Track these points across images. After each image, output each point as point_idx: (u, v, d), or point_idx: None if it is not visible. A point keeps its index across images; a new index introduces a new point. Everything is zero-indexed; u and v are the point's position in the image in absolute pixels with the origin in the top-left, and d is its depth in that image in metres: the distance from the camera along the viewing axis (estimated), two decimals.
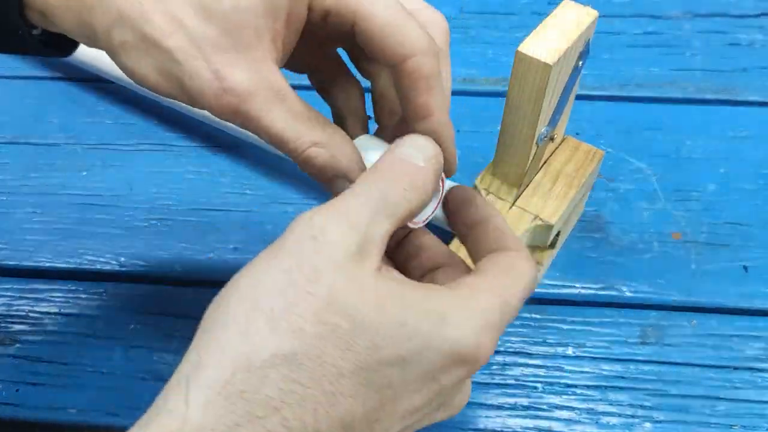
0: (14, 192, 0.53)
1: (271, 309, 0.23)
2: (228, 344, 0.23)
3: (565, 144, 0.44)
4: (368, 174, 0.26)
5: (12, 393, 0.43)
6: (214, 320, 0.24)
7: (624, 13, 0.63)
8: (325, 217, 0.25)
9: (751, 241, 0.48)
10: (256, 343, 0.23)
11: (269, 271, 0.24)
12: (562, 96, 0.38)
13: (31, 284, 0.48)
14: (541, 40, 0.34)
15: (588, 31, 0.36)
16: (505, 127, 0.38)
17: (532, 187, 0.42)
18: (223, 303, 0.25)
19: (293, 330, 0.23)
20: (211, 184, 0.53)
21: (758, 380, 0.42)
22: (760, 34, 0.61)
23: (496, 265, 0.28)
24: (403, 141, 0.28)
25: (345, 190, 0.26)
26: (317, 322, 0.23)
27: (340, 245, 0.24)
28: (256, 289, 0.24)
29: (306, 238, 0.24)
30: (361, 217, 0.25)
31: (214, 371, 0.22)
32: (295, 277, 0.23)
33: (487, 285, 0.27)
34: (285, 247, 0.24)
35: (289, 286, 0.23)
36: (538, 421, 0.41)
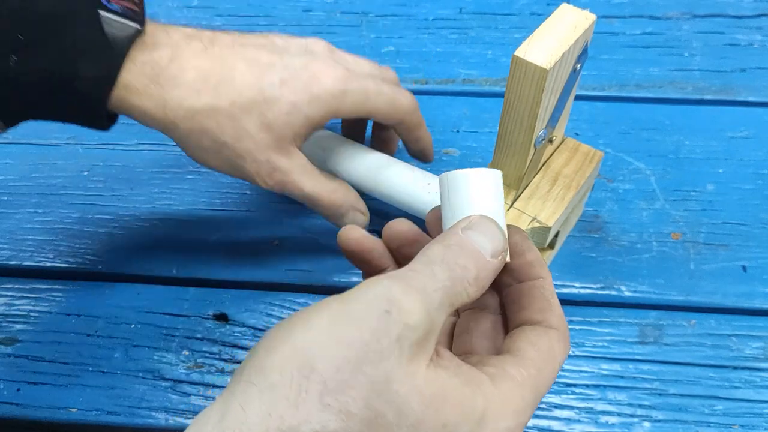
0: (15, 192, 0.53)
1: (325, 383, 0.23)
2: (275, 409, 0.22)
3: (565, 145, 0.44)
4: (440, 251, 0.26)
5: (13, 392, 0.44)
6: (262, 370, 0.23)
7: (623, 14, 0.63)
8: (402, 292, 0.24)
9: (750, 241, 0.48)
10: (304, 416, 0.22)
11: (332, 335, 0.23)
12: (560, 99, 0.38)
13: (31, 284, 0.48)
14: (538, 44, 0.34)
15: (586, 35, 0.36)
16: (503, 130, 0.39)
17: (531, 189, 0.42)
18: (274, 354, 0.24)
19: (341, 410, 0.22)
20: (211, 184, 0.53)
21: (757, 380, 0.42)
22: (759, 35, 0.61)
23: (538, 351, 0.27)
24: (476, 224, 0.28)
25: (417, 261, 0.26)
26: (365, 407, 0.23)
27: (411, 330, 0.24)
28: (312, 351, 0.23)
29: (379, 309, 0.24)
30: (433, 303, 0.24)
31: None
32: (358, 354, 0.23)
33: (527, 379, 0.26)
34: (354, 314, 0.24)
35: (348, 362, 0.23)
36: (537, 420, 0.42)
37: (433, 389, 0.24)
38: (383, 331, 0.23)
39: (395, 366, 0.23)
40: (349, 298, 0.24)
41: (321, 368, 0.23)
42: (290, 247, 0.49)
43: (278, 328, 0.25)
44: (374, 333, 0.23)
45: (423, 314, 0.24)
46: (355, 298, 0.24)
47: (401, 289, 0.24)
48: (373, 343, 0.23)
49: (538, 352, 0.27)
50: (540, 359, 0.27)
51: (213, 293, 0.48)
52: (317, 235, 0.50)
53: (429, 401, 0.23)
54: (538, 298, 0.29)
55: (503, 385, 0.26)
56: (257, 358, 0.24)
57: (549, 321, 0.29)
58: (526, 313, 0.29)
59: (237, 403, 0.23)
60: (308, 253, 0.49)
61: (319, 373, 0.23)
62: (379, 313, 0.23)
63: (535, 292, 0.29)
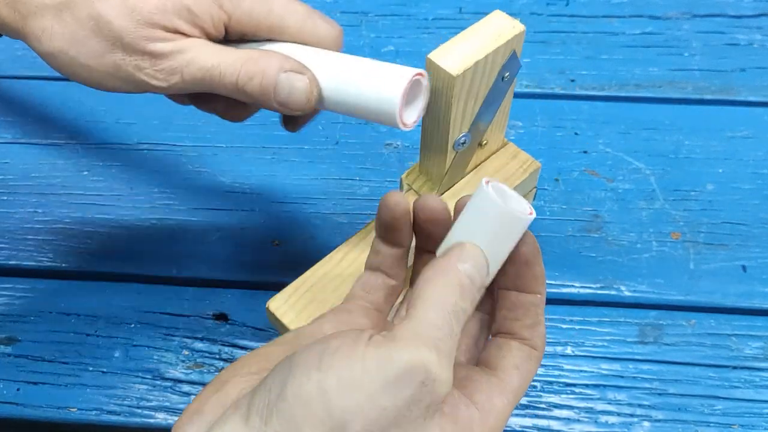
0: (15, 191, 0.53)
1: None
2: None
3: (505, 150, 0.44)
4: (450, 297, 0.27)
5: (12, 392, 0.44)
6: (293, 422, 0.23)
7: (623, 14, 0.63)
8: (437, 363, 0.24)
9: (749, 241, 0.48)
10: None
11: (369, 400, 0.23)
12: (485, 105, 0.38)
13: (31, 284, 0.48)
14: (456, 49, 0.34)
15: (511, 44, 0.35)
16: (424, 128, 0.39)
17: (454, 190, 0.42)
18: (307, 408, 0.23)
19: None
20: (212, 184, 0.53)
21: (757, 379, 0.43)
22: (759, 34, 0.61)
23: (521, 378, 0.29)
24: (467, 257, 0.28)
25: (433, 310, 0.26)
26: None
27: (439, 397, 0.25)
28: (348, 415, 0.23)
29: (416, 381, 0.24)
30: (452, 363, 0.26)
31: None
32: (389, 420, 0.23)
33: (507, 407, 0.28)
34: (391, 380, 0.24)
35: (378, 425, 0.23)
36: (537, 420, 0.42)
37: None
38: (416, 401, 0.24)
39: (417, 427, 0.24)
40: (384, 357, 0.24)
41: (353, 429, 0.23)
42: (290, 247, 0.49)
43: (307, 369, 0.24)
44: (408, 402, 0.24)
45: (450, 380, 0.25)
46: (393, 361, 0.24)
47: (436, 359, 0.24)
48: (404, 410, 0.24)
49: (520, 380, 0.29)
50: (520, 386, 0.29)
51: (213, 293, 0.48)
52: (317, 235, 0.50)
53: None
54: (531, 314, 0.30)
55: (491, 419, 0.27)
56: (287, 404, 0.24)
57: (534, 341, 0.30)
58: (516, 325, 0.30)
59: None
60: (308, 253, 0.49)
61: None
62: (416, 384, 0.24)
63: (531, 307, 0.30)
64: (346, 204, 0.51)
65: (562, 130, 0.55)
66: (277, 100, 0.33)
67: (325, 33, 0.35)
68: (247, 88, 0.33)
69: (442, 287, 0.27)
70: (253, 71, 0.33)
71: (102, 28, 0.32)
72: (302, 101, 0.33)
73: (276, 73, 0.33)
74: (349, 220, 0.50)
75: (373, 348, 0.24)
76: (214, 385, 0.28)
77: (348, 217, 0.51)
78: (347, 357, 0.24)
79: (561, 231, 0.49)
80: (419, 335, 0.25)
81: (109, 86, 0.34)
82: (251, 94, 0.33)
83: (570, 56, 0.60)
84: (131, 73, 0.32)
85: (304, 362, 0.24)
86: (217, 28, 0.34)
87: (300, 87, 0.33)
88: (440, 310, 0.26)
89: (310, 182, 0.53)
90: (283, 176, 0.53)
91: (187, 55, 0.32)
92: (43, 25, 0.32)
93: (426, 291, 0.27)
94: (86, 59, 0.33)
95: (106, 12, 0.32)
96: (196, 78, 0.33)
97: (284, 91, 0.33)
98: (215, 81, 0.33)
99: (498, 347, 0.30)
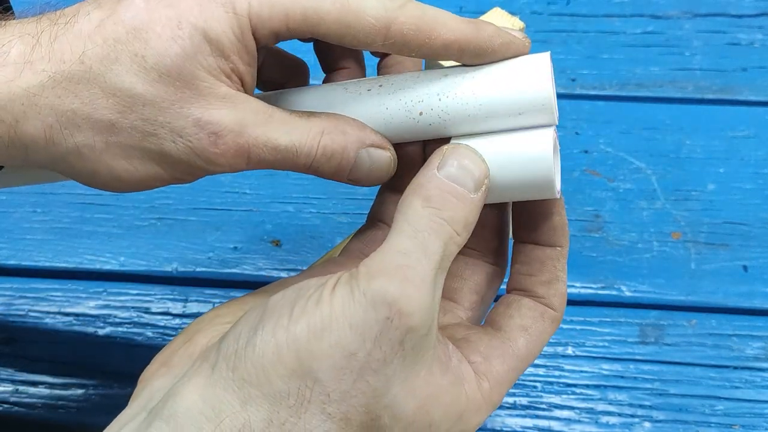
0: (14, 191, 0.53)
1: (328, 395, 0.22)
2: (277, 416, 0.22)
3: None
4: (423, 212, 0.23)
5: (12, 392, 0.43)
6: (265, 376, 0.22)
7: (624, 13, 0.63)
8: (400, 293, 0.22)
9: (750, 241, 0.48)
10: (305, 425, 0.22)
11: (335, 346, 0.22)
12: None
13: (30, 283, 0.48)
14: None
15: None
16: None
17: None
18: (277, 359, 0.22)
19: (342, 418, 0.22)
20: (211, 183, 0.53)
21: (758, 380, 0.42)
22: (760, 34, 0.61)
23: (527, 340, 0.26)
24: (449, 157, 0.25)
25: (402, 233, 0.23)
26: (365, 413, 0.23)
27: (413, 332, 0.23)
28: (316, 363, 0.22)
29: (380, 317, 0.22)
30: (431, 291, 0.23)
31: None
32: (361, 364, 0.22)
33: (509, 373, 0.26)
34: (355, 321, 0.22)
35: (351, 372, 0.22)
36: (537, 420, 0.41)
37: (427, 391, 0.23)
38: (385, 338, 0.22)
39: (397, 371, 0.23)
40: (348, 299, 0.23)
41: (324, 379, 0.22)
42: (290, 247, 0.49)
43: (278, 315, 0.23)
44: (376, 342, 0.22)
45: (425, 310, 0.23)
46: (355, 300, 0.22)
47: (400, 289, 0.22)
48: (375, 351, 0.22)
49: (527, 342, 0.26)
50: (527, 350, 0.26)
51: (213, 293, 0.47)
52: (317, 235, 0.50)
53: (422, 403, 0.23)
54: (549, 268, 0.27)
55: (485, 384, 0.25)
56: (256, 354, 0.23)
57: (550, 300, 0.27)
58: (531, 281, 0.27)
59: (237, 400, 0.22)
60: (308, 253, 0.49)
61: (323, 384, 0.22)
62: (381, 320, 0.22)
63: (548, 261, 0.27)
64: (346, 204, 0.51)
65: (563, 129, 0.55)
66: (351, 177, 0.27)
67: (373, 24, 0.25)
68: (324, 169, 0.26)
69: (412, 202, 0.24)
70: (332, 150, 0.26)
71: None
72: (383, 177, 0.28)
73: (356, 149, 0.26)
74: (349, 220, 0.50)
75: (340, 288, 0.23)
76: (185, 334, 0.26)
77: (348, 217, 0.51)
78: (317, 302, 0.23)
79: None
80: (382, 266, 0.23)
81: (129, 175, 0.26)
82: (325, 173, 0.27)
83: (571, 55, 0.60)
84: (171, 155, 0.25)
85: (278, 309, 0.23)
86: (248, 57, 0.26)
87: (383, 164, 0.27)
88: (408, 230, 0.23)
89: (310, 182, 0.52)
90: (283, 176, 0.53)
91: (253, 131, 0.25)
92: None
93: (398, 214, 0.24)
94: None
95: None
96: (264, 160, 0.26)
97: (364, 169, 0.27)
98: (290, 163, 0.26)
99: (507, 305, 0.27)
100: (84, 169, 0.25)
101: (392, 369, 0.23)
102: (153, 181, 0.26)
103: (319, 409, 0.22)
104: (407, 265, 0.23)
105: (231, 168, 0.26)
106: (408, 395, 0.23)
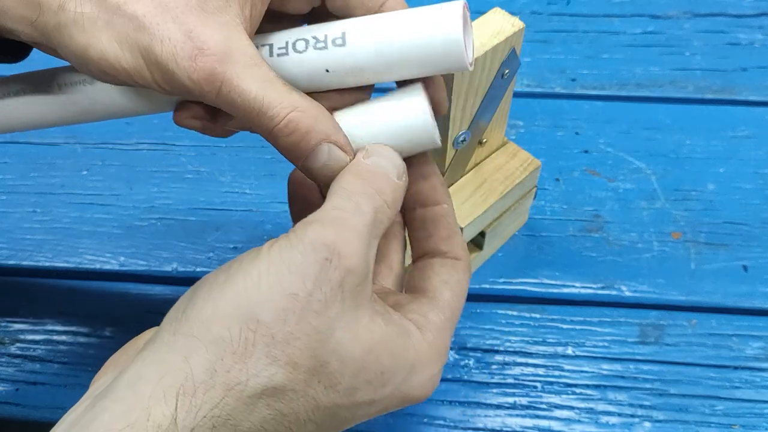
0: (14, 191, 0.53)
1: (272, 336, 0.23)
2: (221, 364, 0.22)
3: (505, 149, 0.44)
4: (356, 181, 0.26)
5: (12, 392, 0.43)
6: (203, 323, 0.23)
7: (624, 13, 0.63)
8: (337, 236, 0.24)
9: (750, 241, 0.48)
10: (251, 370, 0.22)
11: (274, 287, 0.23)
12: (485, 103, 0.37)
13: (31, 284, 0.48)
14: None
15: (510, 42, 0.35)
16: None
17: (456, 188, 0.42)
18: (216, 306, 0.23)
19: (288, 362, 0.23)
20: (211, 184, 0.53)
21: (757, 380, 0.42)
22: (760, 34, 0.61)
23: (452, 292, 0.29)
24: (374, 151, 0.27)
25: (338, 196, 0.25)
26: (311, 357, 0.23)
27: (352, 274, 0.23)
28: (257, 304, 0.23)
29: (319, 258, 0.23)
30: (366, 240, 0.24)
31: (206, 395, 0.22)
32: (303, 305, 0.23)
33: (446, 322, 0.28)
34: (294, 263, 0.23)
35: (294, 313, 0.23)
36: (537, 420, 0.41)
37: (373, 338, 0.24)
38: (325, 279, 0.23)
39: (339, 313, 0.23)
40: (285, 246, 0.24)
41: (267, 321, 0.23)
42: None
43: (214, 279, 0.24)
44: (316, 282, 0.23)
45: (361, 256, 0.24)
46: (292, 246, 0.23)
47: (336, 233, 0.24)
48: (316, 292, 0.23)
49: (452, 293, 0.28)
50: (455, 300, 0.28)
51: None
52: None
53: (369, 349, 0.24)
54: (443, 225, 0.29)
55: (428, 335, 0.27)
56: (195, 311, 0.23)
57: (455, 252, 0.29)
58: (432, 241, 0.30)
59: (179, 356, 0.22)
60: None
61: (266, 326, 0.23)
62: (320, 261, 0.23)
63: (440, 219, 0.29)
64: None
65: (563, 129, 0.55)
66: (304, 164, 0.27)
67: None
68: (281, 141, 0.26)
69: (345, 175, 0.26)
70: (296, 126, 0.26)
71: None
72: (330, 177, 0.27)
73: (320, 139, 0.26)
74: None
75: (277, 243, 0.24)
76: (135, 339, 0.28)
77: None
78: (253, 258, 0.24)
79: (562, 231, 0.49)
80: (319, 217, 0.24)
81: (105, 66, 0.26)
82: (280, 145, 0.27)
83: (571, 55, 0.60)
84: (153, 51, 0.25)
85: (214, 275, 0.24)
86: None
87: (337, 165, 0.27)
88: (343, 193, 0.25)
89: None
90: (283, 176, 0.53)
91: (232, 68, 0.25)
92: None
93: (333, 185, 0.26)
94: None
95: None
96: (230, 102, 0.26)
97: (319, 161, 0.27)
98: (253, 119, 0.26)
99: (421, 270, 0.30)
100: (80, 42, 0.25)
101: (334, 311, 0.23)
102: (134, 73, 0.26)
103: (264, 352, 0.22)
104: (342, 217, 0.24)
105: (200, 92, 0.25)
106: (353, 340, 0.24)
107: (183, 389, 0.22)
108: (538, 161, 0.43)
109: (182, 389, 0.22)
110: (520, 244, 0.49)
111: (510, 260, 0.48)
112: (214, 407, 0.22)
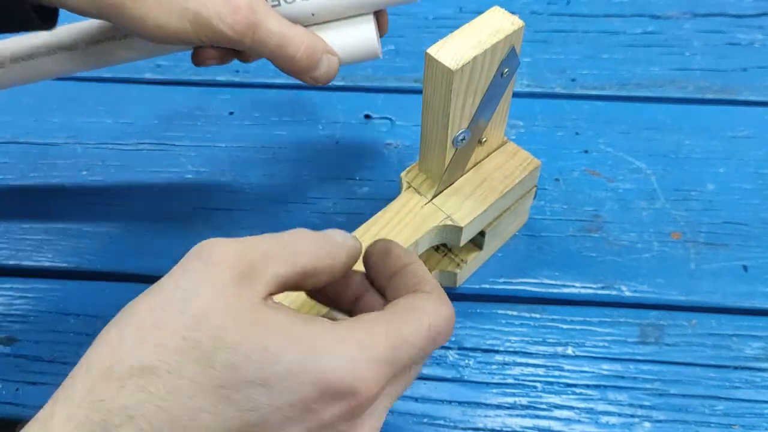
0: (14, 191, 0.53)
1: (141, 326, 0.24)
2: (96, 359, 0.24)
3: (504, 148, 0.44)
4: (284, 233, 0.28)
5: (12, 392, 0.43)
6: (95, 341, 0.25)
7: (624, 13, 0.63)
8: (217, 243, 0.26)
9: (750, 241, 0.48)
10: (120, 356, 0.24)
11: (152, 292, 0.25)
12: (485, 101, 0.37)
13: (30, 283, 0.48)
14: (454, 44, 0.34)
15: (510, 40, 0.35)
16: (423, 126, 0.39)
17: (455, 187, 0.42)
18: (108, 326, 0.26)
19: (156, 344, 0.24)
20: (211, 183, 0.53)
21: (757, 380, 0.42)
22: (760, 34, 0.61)
23: (398, 304, 0.28)
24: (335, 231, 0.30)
25: None
26: (180, 338, 0.24)
27: (224, 268, 0.25)
28: (135, 310, 0.25)
29: (192, 259, 0.26)
30: (255, 250, 0.26)
31: (80, 384, 0.24)
32: (173, 296, 0.25)
33: (381, 321, 0.27)
34: (172, 271, 0.26)
35: (163, 304, 0.25)
36: (537, 420, 0.42)
37: (254, 316, 0.25)
38: (196, 273, 0.25)
39: (212, 300, 0.24)
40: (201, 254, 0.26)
41: (140, 316, 0.25)
42: None
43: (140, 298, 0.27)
44: (189, 277, 0.25)
45: (234, 254, 0.26)
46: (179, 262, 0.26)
47: (217, 241, 0.26)
48: (186, 284, 0.25)
49: (398, 304, 0.28)
50: (401, 308, 0.28)
51: None
52: None
53: (248, 325, 0.24)
54: (410, 277, 0.30)
55: (349, 324, 0.26)
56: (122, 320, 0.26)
57: (422, 288, 0.30)
58: (399, 295, 0.30)
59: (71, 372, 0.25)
60: None
61: (138, 320, 0.25)
62: (193, 260, 0.26)
63: (407, 274, 0.30)
64: (345, 203, 0.51)
65: (563, 129, 0.55)
66: (313, 75, 0.38)
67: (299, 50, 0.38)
68: (298, 62, 0.36)
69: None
70: (312, 48, 0.36)
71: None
72: (331, 78, 0.38)
73: (323, 52, 0.37)
74: (349, 220, 0.50)
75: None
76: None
77: (347, 217, 0.51)
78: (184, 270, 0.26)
79: (561, 231, 0.49)
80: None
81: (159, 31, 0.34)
82: (297, 65, 0.37)
83: (571, 55, 0.60)
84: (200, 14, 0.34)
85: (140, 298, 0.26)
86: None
87: (334, 67, 0.38)
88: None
89: (310, 181, 0.52)
90: (283, 176, 0.53)
91: (263, 17, 0.35)
92: None
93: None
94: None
95: None
96: (262, 42, 0.35)
97: (323, 68, 0.38)
98: (276, 50, 0.36)
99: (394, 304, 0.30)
100: (137, 13, 0.33)
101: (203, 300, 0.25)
102: (182, 35, 0.34)
103: (132, 339, 0.24)
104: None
105: (240, 39, 0.35)
106: (227, 319, 0.24)
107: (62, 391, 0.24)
108: (537, 161, 0.43)
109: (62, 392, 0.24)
110: (520, 244, 0.49)
111: (510, 260, 0.48)
112: (88, 393, 0.23)
